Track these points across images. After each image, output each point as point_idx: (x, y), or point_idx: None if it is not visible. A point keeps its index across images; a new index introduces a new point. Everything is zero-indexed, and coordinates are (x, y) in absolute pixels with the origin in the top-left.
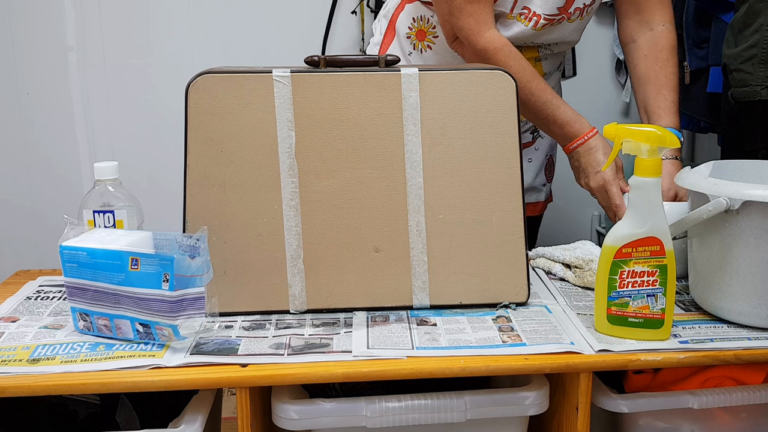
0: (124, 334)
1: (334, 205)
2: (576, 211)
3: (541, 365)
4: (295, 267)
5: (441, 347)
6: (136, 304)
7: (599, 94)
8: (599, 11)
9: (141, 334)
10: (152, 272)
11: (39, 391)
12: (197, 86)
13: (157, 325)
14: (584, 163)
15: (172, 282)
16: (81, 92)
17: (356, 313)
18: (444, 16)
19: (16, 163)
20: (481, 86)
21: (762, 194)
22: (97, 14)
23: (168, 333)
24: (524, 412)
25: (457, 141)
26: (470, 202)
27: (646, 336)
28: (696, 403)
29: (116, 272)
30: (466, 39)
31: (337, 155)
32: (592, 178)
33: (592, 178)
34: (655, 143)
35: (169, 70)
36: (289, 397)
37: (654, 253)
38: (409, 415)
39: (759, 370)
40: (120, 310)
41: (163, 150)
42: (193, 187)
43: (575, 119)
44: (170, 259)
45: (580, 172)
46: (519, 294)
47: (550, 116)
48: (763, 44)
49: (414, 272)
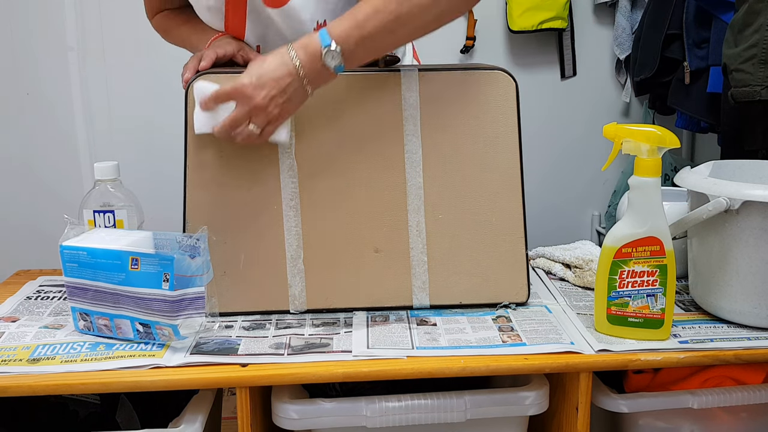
0: (125, 333)
1: (334, 205)
2: (576, 211)
3: (541, 365)
4: (295, 267)
5: (441, 347)
6: (137, 303)
7: (599, 94)
8: (598, 12)
9: (141, 334)
10: (152, 272)
11: (39, 391)
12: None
13: (158, 325)
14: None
15: (172, 282)
16: (81, 92)
17: (356, 312)
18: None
19: (17, 162)
20: (481, 86)
21: (762, 194)
22: (97, 14)
23: (168, 333)
24: (524, 412)
25: (457, 141)
26: (470, 202)
27: (646, 336)
28: (696, 403)
29: (116, 272)
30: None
31: (336, 155)
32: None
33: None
34: (655, 143)
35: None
36: (289, 396)
37: (654, 253)
38: (409, 415)
39: (759, 369)
40: (120, 310)
41: (162, 150)
42: (193, 187)
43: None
44: (170, 259)
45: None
46: (519, 294)
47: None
48: (763, 44)
49: (414, 272)
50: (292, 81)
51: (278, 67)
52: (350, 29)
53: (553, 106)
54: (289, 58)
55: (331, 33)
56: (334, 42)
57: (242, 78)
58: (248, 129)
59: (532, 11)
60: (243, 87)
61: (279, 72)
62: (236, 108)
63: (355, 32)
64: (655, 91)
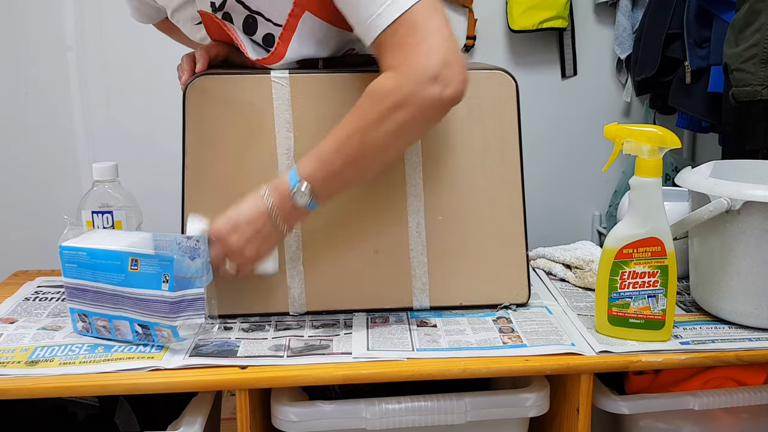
0: (123, 335)
1: (333, 206)
2: (576, 211)
3: (541, 366)
4: (295, 269)
5: (441, 349)
6: (136, 304)
7: (599, 94)
8: (599, 11)
9: (140, 336)
10: (152, 273)
11: (38, 393)
12: (196, 87)
13: (157, 326)
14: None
15: (171, 282)
16: (81, 92)
17: (356, 314)
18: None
19: (16, 162)
20: (481, 86)
21: (763, 194)
22: (97, 14)
23: (167, 334)
24: (525, 413)
25: (457, 141)
26: (470, 203)
27: (646, 337)
28: (697, 404)
29: (116, 273)
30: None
31: None
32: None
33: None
34: (656, 143)
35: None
36: (289, 399)
37: (655, 254)
38: (409, 417)
39: (760, 370)
40: (119, 311)
41: (162, 150)
42: (191, 188)
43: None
44: (170, 260)
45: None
46: (519, 295)
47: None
48: (764, 44)
49: (414, 273)
50: (265, 222)
51: (251, 209)
52: (316, 168)
53: (553, 105)
54: (262, 200)
55: (299, 172)
56: (303, 181)
57: (219, 222)
58: (225, 269)
59: (532, 10)
60: (218, 231)
61: (252, 215)
62: (213, 250)
63: (321, 171)
64: (656, 91)
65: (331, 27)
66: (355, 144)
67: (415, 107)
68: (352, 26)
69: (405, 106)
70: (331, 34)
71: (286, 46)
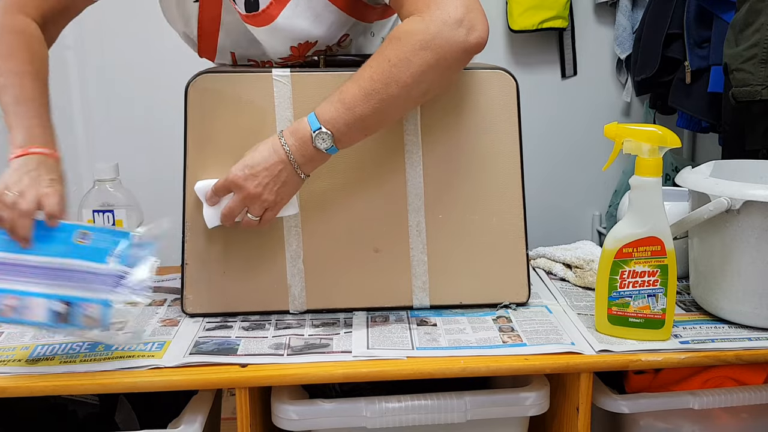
0: (33, 317)
1: (334, 205)
2: (576, 211)
3: (541, 365)
4: (295, 267)
5: (441, 347)
6: (69, 278)
7: (599, 93)
8: (599, 11)
9: (59, 317)
10: (101, 247)
11: (38, 392)
12: (197, 85)
13: (85, 302)
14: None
15: (124, 257)
16: (80, 92)
17: (356, 313)
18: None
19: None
20: (481, 86)
21: (763, 194)
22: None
23: (94, 312)
24: (525, 412)
25: (457, 141)
26: (470, 202)
27: (646, 336)
28: (697, 404)
29: (59, 244)
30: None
31: (336, 155)
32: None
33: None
34: (656, 143)
35: (168, 70)
36: (289, 397)
37: (655, 253)
38: (409, 416)
39: (760, 370)
40: (38, 287)
41: (162, 149)
42: (192, 187)
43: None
44: (126, 235)
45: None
46: (519, 294)
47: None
48: (764, 44)
49: (414, 272)
50: (284, 167)
51: (269, 155)
52: (339, 112)
53: (553, 105)
54: (280, 145)
55: (319, 117)
56: (324, 126)
57: (234, 169)
58: (247, 217)
59: (532, 10)
60: (235, 178)
61: (270, 160)
62: (232, 198)
63: (344, 115)
64: (656, 91)
65: (330, 4)
66: (379, 87)
67: (441, 50)
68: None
69: (430, 48)
70: (329, 12)
71: (279, 9)
